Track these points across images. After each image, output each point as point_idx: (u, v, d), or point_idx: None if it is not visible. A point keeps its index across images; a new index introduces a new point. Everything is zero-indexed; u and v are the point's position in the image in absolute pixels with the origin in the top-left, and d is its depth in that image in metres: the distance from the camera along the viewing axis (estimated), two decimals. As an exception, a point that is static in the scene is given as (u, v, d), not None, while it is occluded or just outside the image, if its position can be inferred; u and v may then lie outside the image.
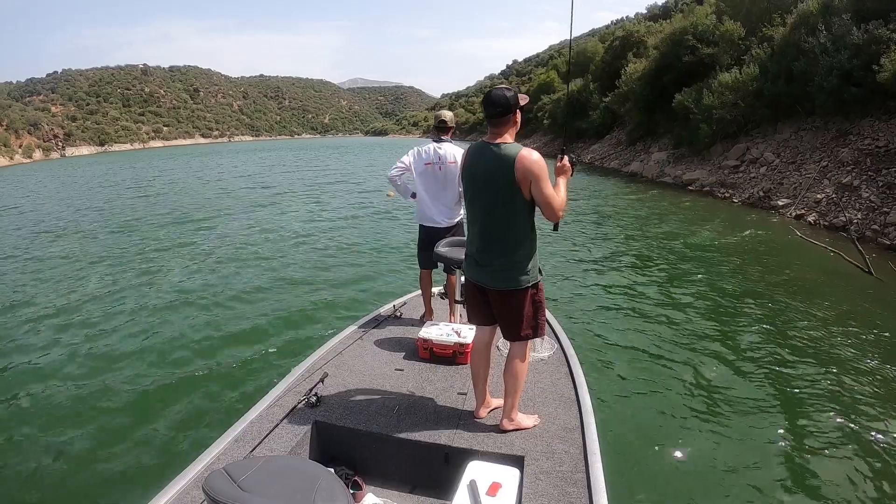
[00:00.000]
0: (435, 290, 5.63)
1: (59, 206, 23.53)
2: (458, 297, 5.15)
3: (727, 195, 19.18)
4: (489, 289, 3.41)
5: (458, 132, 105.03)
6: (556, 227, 3.54)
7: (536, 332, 3.46)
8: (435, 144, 5.15)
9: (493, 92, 3.25)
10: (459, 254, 4.28)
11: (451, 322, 5.11)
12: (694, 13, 28.27)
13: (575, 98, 44.10)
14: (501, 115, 3.21)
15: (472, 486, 2.70)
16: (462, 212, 5.21)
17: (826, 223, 13.99)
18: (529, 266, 3.30)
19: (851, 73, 16.62)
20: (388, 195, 20.35)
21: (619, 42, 42.61)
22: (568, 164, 3.46)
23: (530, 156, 3.13)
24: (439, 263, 5.06)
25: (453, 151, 5.07)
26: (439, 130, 5.19)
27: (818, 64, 17.88)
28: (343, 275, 10.71)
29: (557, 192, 3.25)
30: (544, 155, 3.55)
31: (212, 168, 45.15)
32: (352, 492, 2.90)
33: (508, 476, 2.80)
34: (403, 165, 5.22)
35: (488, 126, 3.30)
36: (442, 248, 4.81)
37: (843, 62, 16.89)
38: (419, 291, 5.75)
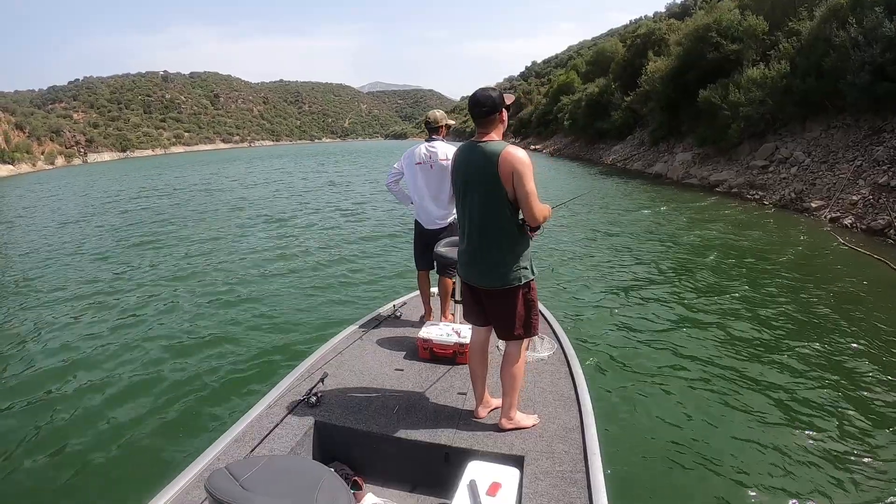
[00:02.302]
0: (434, 290, 5.59)
1: (67, 216, 23.21)
2: (457, 297, 5.11)
3: (757, 197, 18.44)
4: (481, 288, 3.44)
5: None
6: (532, 231, 3.42)
7: (529, 331, 3.47)
8: (427, 144, 5.17)
9: (478, 92, 3.31)
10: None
11: (447, 322, 5.07)
12: (717, 8, 27.54)
13: (595, 98, 43.80)
14: (487, 115, 3.27)
15: (472, 486, 2.69)
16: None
17: (864, 226, 13.28)
18: (520, 264, 3.33)
19: (884, 67, 15.97)
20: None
21: (640, 40, 41.90)
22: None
23: (515, 152, 3.15)
24: (435, 264, 5.23)
25: (445, 149, 5.04)
26: (430, 130, 5.22)
27: (849, 59, 17.16)
28: (344, 276, 10.80)
29: (545, 205, 3.31)
30: (564, 157, 3.08)
31: (229, 177, 45.06)
32: (352, 491, 2.78)
33: (508, 476, 2.78)
34: (397, 170, 5.32)
35: (476, 126, 3.34)
36: (441, 248, 4.91)
37: (876, 56, 16.21)
38: (419, 292, 5.73)
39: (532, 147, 61.93)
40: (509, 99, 3.39)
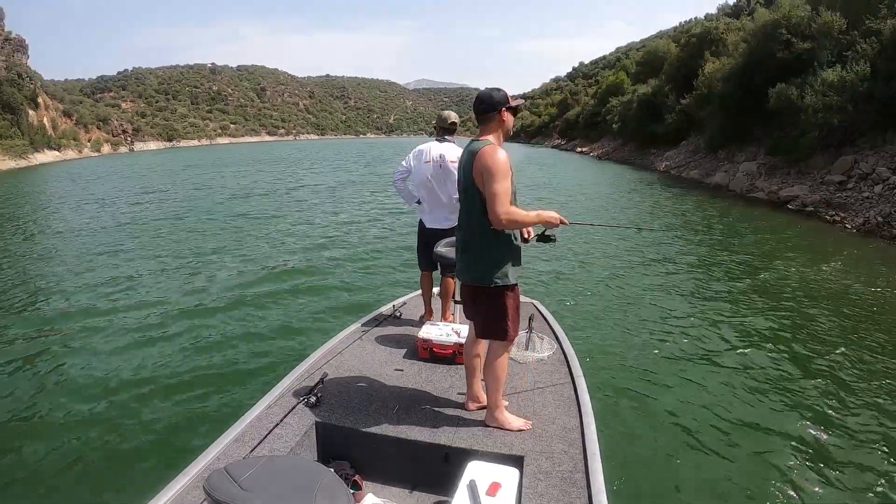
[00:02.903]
0: (435, 290, 5.58)
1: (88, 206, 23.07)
2: (457, 298, 5.14)
3: (836, 219, 16.01)
4: (463, 283, 3.53)
5: (523, 135, 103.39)
6: (550, 240, 3.54)
7: (499, 334, 3.43)
8: (437, 143, 5.15)
9: (482, 90, 3.37)
10: None
11: (447, 322, 5.10)
12: (783, 4, 25.17)
13: (648, 100, 42.68)
14: (483, 112, 3.31)
15: (472, 486, 2.64)
16: None
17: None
18: (496, 266, 3.31)
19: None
20: None
21: (695, 40, 39.89)
22: (560, 218, 3.36)
23: (491, 152, 3.15)
24: (438, 265, 5.20)
25: (454, 150, 5.03)
26: (443, 130, 5.21)
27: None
28: (345, 277, 10.83)
29: (518, 211, 3.20)
30: (612, 161, 4.83)
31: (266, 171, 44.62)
32: (351, 491, 2.75)
33: (508, 476, 2.74)
34: (405, 168, 5.29)
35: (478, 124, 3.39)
36: (441, 248, 4.86)
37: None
38: (419, 291, 5.75)
39: (578, 150, 61.96)
40: (515, 101, 3.36)
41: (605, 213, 18.29)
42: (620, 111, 50.96)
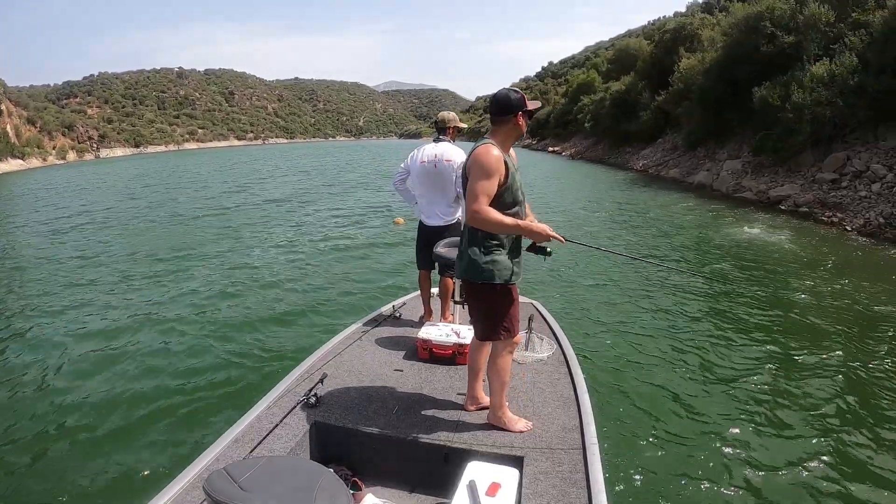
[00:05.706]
0: (434, 290, 5.54)
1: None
2: (457, 298, 5.19)
3: (834, 220, 14.85)
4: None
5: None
6: (542, 252, 3.33)
7: (493, 335, 3.39)
8: (432, 144, 5.22)
9: (500, 90, 3.24)
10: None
11: (446, 322, 5.11)
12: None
13: (621, 97, 42.01)
14: (496, 114, 3.22)
15: (472, 487, 2.67)
16: (460, 211, 5.31)
17: None
18: (487, 262, 3.25)
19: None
20: (395, 222, 17.60)
21: (669, 35, 39.25)
22: (549, 233, 3.17)
23: (483, 151, 3.10)
24: (436, 264, 5.22)
25: (449, 150, 5.10)
26: (438, 130, 5.27)
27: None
28: (343, 277, 10.82)
29: (492, 212, 3.07)
30: (586, 160, 20.16)
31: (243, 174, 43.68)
32: (351, 492, 2.68)
33: (508, 476, 2.78)
34: (403, 170, 5.36)
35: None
36: (441, 248, 4.90)
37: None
38: (419, 292, 5.71)
39: (550, 149, 61.83)
40: (533, 105, 3.22)
41: (594, 223, 17.18)
42: (593, 109, 50.33)
